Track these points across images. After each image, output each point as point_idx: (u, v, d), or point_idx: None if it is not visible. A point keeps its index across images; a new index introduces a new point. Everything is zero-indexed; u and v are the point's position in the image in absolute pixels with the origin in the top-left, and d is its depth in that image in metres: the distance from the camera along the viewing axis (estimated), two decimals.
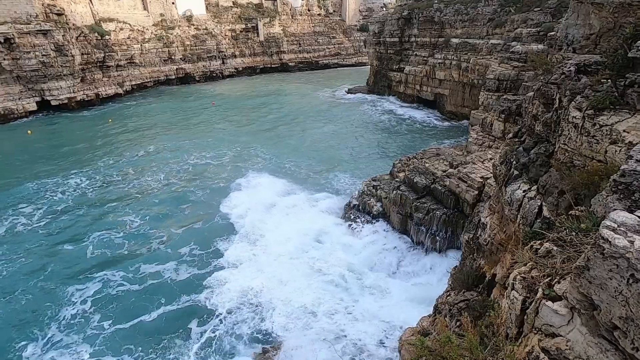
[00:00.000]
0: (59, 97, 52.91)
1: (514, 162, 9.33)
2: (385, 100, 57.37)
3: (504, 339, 4.59)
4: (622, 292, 2.90)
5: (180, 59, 75.46)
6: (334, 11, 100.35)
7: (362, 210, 22.43)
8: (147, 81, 70.27)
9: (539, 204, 7.68)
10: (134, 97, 64.09)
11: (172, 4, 74.65)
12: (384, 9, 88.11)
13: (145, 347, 14.55)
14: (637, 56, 6.24)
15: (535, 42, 27.81)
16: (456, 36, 47.00)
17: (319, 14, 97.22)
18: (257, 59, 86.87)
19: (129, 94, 65.38)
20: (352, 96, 61.65)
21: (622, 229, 3.03)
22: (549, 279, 4.01)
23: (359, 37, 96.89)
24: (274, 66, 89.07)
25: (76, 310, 16.66)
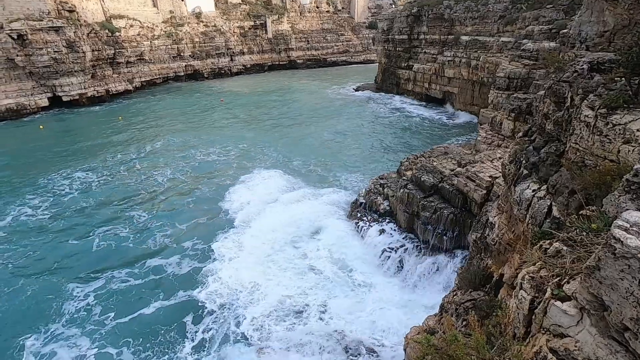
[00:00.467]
0: (70, 93, 53.65)
1: (524, 162, 9.21)
2: (393, 98, 57.06)
3: (511, 339, 4.56)
4: (634, 292, 2.86)
5: (189, 55, 75.89)
6: (343, 8, 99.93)
7: (369, 208, 22.38)
8: (156, 78, 70.86)
9: (549, 203, 7.57)
10: (143, 94, 64.69)
11: (182, 0, 75.04)
12: (393, 6, 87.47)
13: (142, 340, 14.85)
14: None
15: (547, 40, 27.39)
16: (466, 33, 46.49)
17: (327, 11, 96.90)
18: (265, 56, 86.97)
19: (139, 91, 66.01)
20: (360, 94, 61.43)
21: (634, 229, 2.98)
22: (558, 279, 3.97)
23: (367, 35, 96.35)
24: (282, 63, 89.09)
25: (79, 303, 16.94)
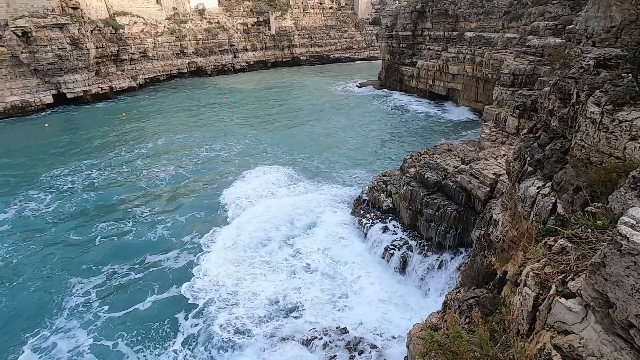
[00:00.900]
0: (74, 90, 53.87)
1: (528, 158, 9.15)
2: (396, 94, 56.84)
3: (515, 336, 4.55)
4: None
5: (192, 52, 75.92)
6: (346, 4, 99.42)
7: (372, 205, 22.38)
8: (159, 75, 70.98)
9: (553, 201, 7.53)
10: (147, 91, 64.85)
11: None
12: (397, 2, 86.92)
13: (135, 334, 15.14)
14: None
15: (552, 36, 27.14)
16: (470, 30, 46.14)
17: (330, 7, 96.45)
18: (268, 53, 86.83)
19: (142, 88, 66.17)
20: (364, 90, 61.23)
21: None
22: (563, 275, 3.95)
23: (371, 31, 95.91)
24: (285, 60, 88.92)
25: (79, 297, 17.23)
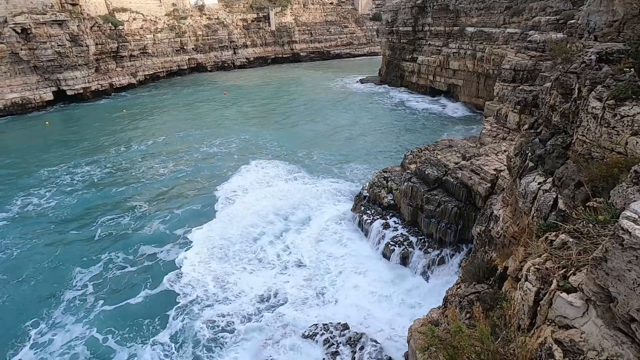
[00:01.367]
0: (74, 87, 53.78)
1: (529, 154, 9.14)
2: (397, 90, 56.68)
3: (516, 330, 4.56)
4: None
5: (192, 49, 75.68)
6: (346, 0, 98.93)
7: (372, 201, 22.37)
8: (159, 71, 70.79)
9: (555, 196, 7.53)
10: (147, 87, 64.74)
11: None
12: None
13: (127, 329, 15.34)
14: None
15: (554, 31, 26.98)
16: (471, 25, 45.90)
17: (331, 3, 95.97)
18: (268, 49, 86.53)
19: (142, 84, 66.04)
20: (364, 86, 61.05)
21: None
22: (564, 270, 3.95)
23: (371, 27, 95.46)
24: (285, 56, 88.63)
25: (77, 292, 17.45)
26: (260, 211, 23.35)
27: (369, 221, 20.76)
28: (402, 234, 19.48)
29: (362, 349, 13.64)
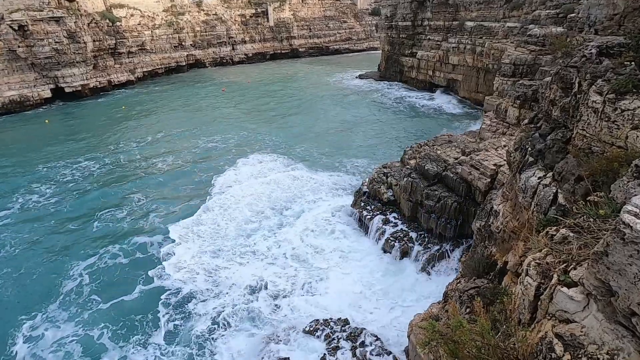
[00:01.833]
0: (72, 84, 53.51)
1: (529, 149, 9.12)
2: (396, 85, 56.50)
3: (517, 325, 4.58)
4: None
5: (190, 45, 75.25)
6: None
7: (372, 197, 22.38)
8: (158, 68, 70.41)
9: (555, 191, 7.52)
10: (145, 84, 64.45)
11: None
12: None
13: (119, 325, 15.50)
14: None
15: (554, 25, 26.86)
16: (471, 19, 45.66)
17: None
18: (267, 45, 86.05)
19: (141, 81, 65.73)
20: (363, 82, 60.83)
21: None
22: (565, 265, 3.96)
23: (370, 22, 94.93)
24: (284, 52, 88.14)
25: (73, 287, 17.66)
26: (255, 204, 23.63)
27: (369, 217, 20.77)
28: (402, 229, 19.51)
29: (362, 344, 13.70)
